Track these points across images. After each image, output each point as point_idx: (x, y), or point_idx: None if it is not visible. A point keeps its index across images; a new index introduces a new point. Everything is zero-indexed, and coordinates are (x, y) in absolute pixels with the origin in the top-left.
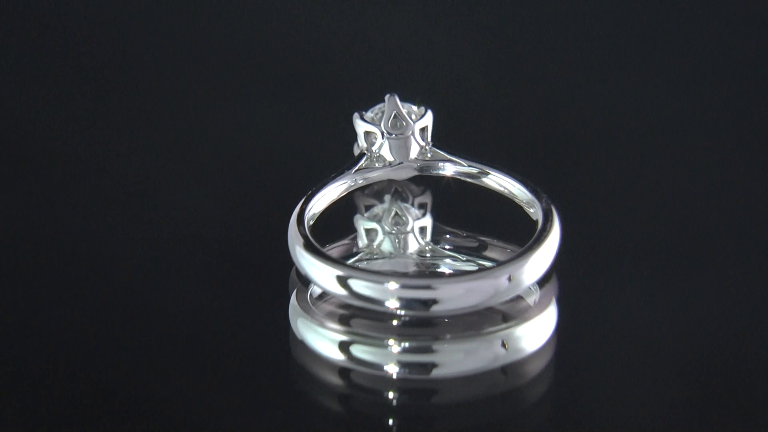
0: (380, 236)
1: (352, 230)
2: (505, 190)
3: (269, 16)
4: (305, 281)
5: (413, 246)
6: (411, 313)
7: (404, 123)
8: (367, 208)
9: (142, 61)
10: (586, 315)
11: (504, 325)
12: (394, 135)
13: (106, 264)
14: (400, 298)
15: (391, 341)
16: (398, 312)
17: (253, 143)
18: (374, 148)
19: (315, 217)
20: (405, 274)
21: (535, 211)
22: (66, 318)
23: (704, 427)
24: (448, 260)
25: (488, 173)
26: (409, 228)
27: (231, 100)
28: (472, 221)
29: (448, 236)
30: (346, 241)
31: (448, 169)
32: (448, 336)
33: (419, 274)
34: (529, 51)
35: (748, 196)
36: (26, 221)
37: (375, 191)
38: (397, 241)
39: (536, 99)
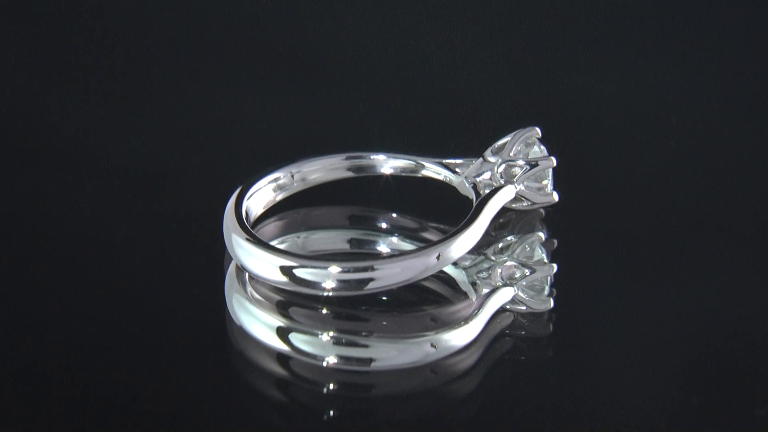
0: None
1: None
2: (446, 179)
3: (272, 13)
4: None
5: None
6: (347, 293)
7: (499, 154)
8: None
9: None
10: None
11: (434, 329)
12: (485, 158)
13: (46, 244)
14: (336, 279)
15: (326, 331)
16: (335, 292)
17: (253, 137)
18: (480, 159)
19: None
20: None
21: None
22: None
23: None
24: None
25: (424, 166)
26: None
27: (229, 95)
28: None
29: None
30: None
31: (386, 166)
32: (382, 325)
33: (357, 255)
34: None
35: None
36: None
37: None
38: (488, 268)
39: (535, 90)
